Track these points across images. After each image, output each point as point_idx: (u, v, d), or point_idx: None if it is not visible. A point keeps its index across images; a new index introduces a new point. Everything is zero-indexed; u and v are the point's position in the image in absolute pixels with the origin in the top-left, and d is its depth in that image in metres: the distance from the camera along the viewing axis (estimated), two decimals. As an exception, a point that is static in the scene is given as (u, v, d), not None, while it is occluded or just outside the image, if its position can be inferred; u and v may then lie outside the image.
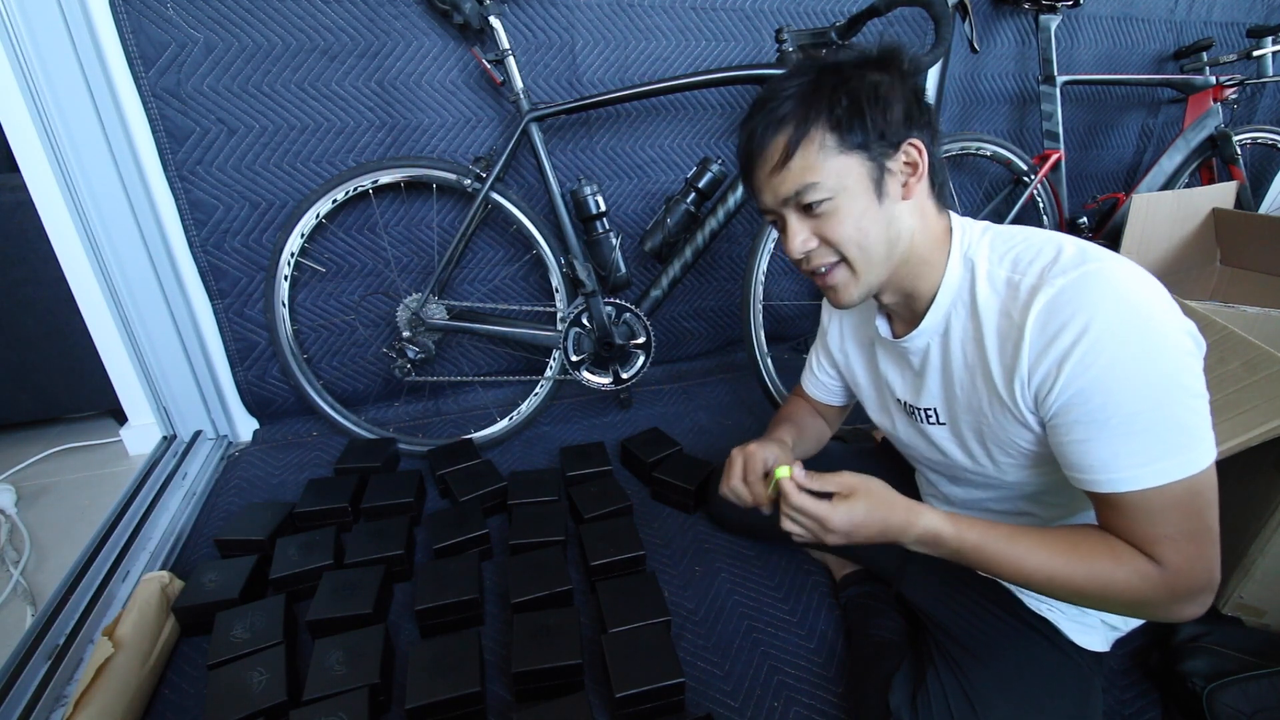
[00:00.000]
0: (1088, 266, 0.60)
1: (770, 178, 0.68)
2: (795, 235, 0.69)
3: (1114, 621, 0.79)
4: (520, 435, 1.58)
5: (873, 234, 0.67)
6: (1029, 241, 0.67)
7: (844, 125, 0.65)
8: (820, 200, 0.66)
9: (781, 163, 0.67)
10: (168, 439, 1.51)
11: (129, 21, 1.22)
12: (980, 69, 1.93)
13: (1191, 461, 0.57)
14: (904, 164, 0.68)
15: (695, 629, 1.04)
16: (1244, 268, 1.75)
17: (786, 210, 0.69)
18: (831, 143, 0.65)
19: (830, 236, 0.68)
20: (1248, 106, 2.37)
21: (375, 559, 1.10)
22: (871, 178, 0.66)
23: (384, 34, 1.37)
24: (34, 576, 1.18)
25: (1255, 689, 0.82)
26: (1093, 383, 0.58)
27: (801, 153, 0.66)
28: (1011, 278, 0.65)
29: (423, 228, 1.54)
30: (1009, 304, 0.65)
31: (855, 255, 0.68)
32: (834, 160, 0.65)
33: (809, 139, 0.65)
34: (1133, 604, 0.62)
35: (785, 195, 0.67)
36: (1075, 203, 2.15)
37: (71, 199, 1.27)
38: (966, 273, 0.70)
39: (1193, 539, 0.59)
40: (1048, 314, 0.60)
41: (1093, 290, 0.59)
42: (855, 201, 0.66)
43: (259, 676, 0.87)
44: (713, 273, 1.84)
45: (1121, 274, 0.59)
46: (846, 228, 0.67)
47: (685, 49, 1.60)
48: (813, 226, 0.68)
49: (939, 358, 0.74)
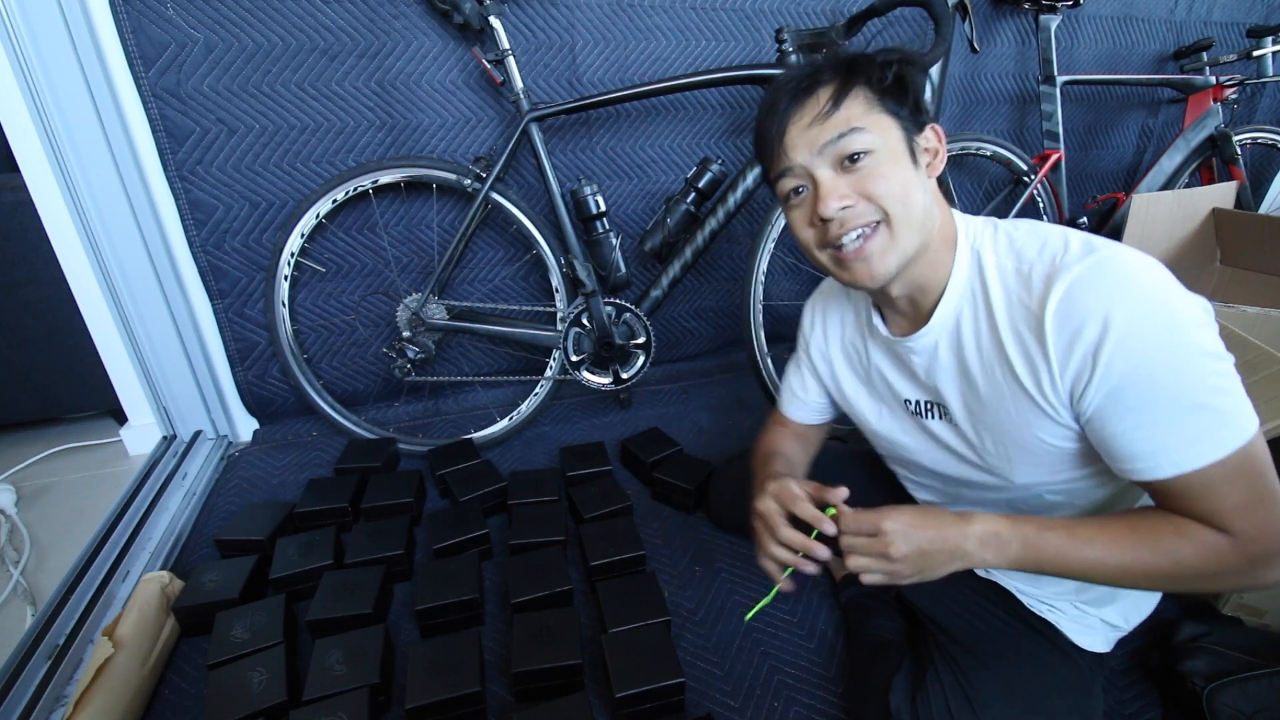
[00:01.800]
0: (1098, 254, 0.60)
1: (809, 129, 0.66)
2: (831, 191, 0.65)
3: (1115, 621, 0.79)
4: (520, 435, 1.58)
5: (914, 194, 0.66)
6: (1032, 233, 0.67)
7: (886, 91, 0.66)
8: (863, 153, 0.64)
9: (826, 112, 0.65)
10: (168, 439, 1.51)
11: (129, 21, 1.22)
12: (980, 69, 1.93)
13: (1238, 433, 0.57)
14: (926, 147, 0.69)
15: (695, 629, 1.04)
16: (1244, 268, 1.75)
17: (820, 168, 0.66)
18: (874, 97, 0.66)
19: (873, 190, 0.64)
20: (1248, 106, 2.37)
21: (375, 559, 1.10)
22: (907, 144, 0.67)
23: (384, 34, 1.37)
24: (34, 576, 1.18)
25: (1255, 689, 0.82)
26: (1131, 372, 0.57)
27: (848, 102, 0.65)
28: (1020, 269, 0.65)
29: (423, 228, 1.54)
30: (1023, 296, 0.64)
31: (898, 212, 0.65)
32: (877, 115, 0.65)
33: (854, 93, 0.65)
34: (1211, 577, 0.60)
35: (826, 141, 0.65)
36: (1075, 203, 2.16)
37: (71, 199, 1.27)
38: (975, 267, 0.69)
39: (1260, 504, 0.58)
40: (1067, 306, 0.60)
41: (1106, 279, 0.59)
42: (896, 160, 0.65)
43: (259, 676, 0.87)
44: (713, 273, 1.84)
45: (1131, 259, 0.59)
46: (891, 182, 0.65)
47: (685, 49, 1.60)
48: (851, 183, 0.65)
49: (951, 356, 0.71)
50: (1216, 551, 0.59)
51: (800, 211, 0.70)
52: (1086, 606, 0.79)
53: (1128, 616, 0.80)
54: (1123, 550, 0.61)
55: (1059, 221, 1.96)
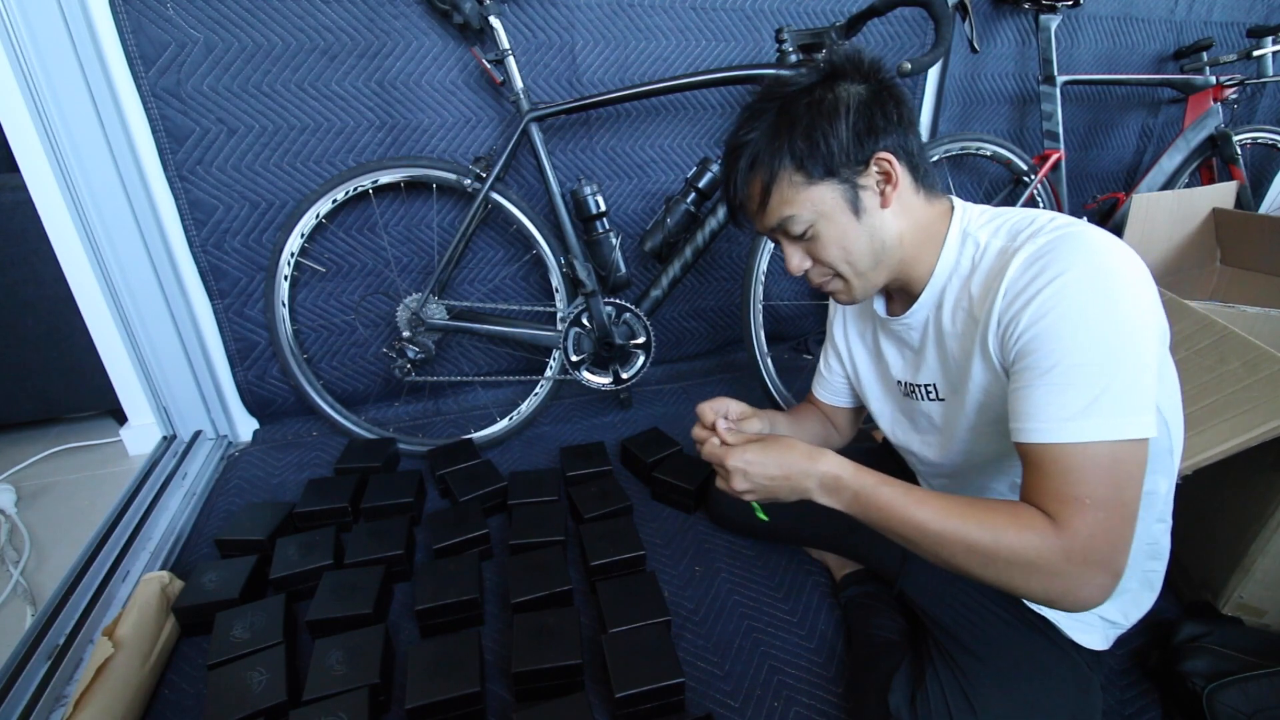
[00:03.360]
0: (1072, 229, 0.63)
1: (755, 216, 0.76)
2: (791, 257, 0.76)
3: (1114, 618, 0.79)
4: (520, 435, 1.58)
5: (856, 250, 0.73)
6: (1028, 216, 0.70)
7: (806, 163, 0.70)
8: (803, 230, 0.72)
9: (761, 204, 0.74)
10: (168, 439, 1.51)
11: (129, 21, 1.22)
12: (980, 69, 1.93)
13: (1122, 427, 0.57)
14: (877, 175, 0.71)
15: (695, 629, 1.04)
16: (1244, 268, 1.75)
17: (778, 236, 0.76)
18: (800, 179, 0.70)
19: (820, 258, 0.75)
20: (1248, 106, 2.37)
21: (375, 559, 1.10)
22: (846, 199, 0.71)
23: (384, 34, 1.37)
24: (34, 576, 1.18)
25: (1255, 689, 0.82)
26: (1046, 329, 0.60)
27: (776, 193, 0.72)
28: (1006, 246, 0.68)
29: (423, 228, 1.54)
30: (996, 265, 0.67)
31: (845, 271, 0.74)
32: (805, 192, 0.71)
33: (779, 181, 0.71)
34: (1025, 566, 0.58)
35: (771, 227, 0.75)
36: (1075, 203, 2.16)
37: (71, 199, 1.27)
38: (964, 248, 0.73)
39: (1104, 507, 0.57)
40: (1025, 265, 0.63)
41: (1069, 247, 0.61)
42: (834, 225, 0.72)
43: (259, 676, 0.87)
44: (713, 273, 1.84)
45: (1103, 241, 0.61)
46: (831, 250, 0.73)
47: (685, 49, 1.60)
48: (804, 249, 0.75)
49: (934, 330, 0.77)
50: (1040, 539, 0.58)
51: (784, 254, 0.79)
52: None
53: (1127, 613, 0.80)
54: (948, 517, 0.62)
55: (1059, 221, 1.96)
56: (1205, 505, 1.02)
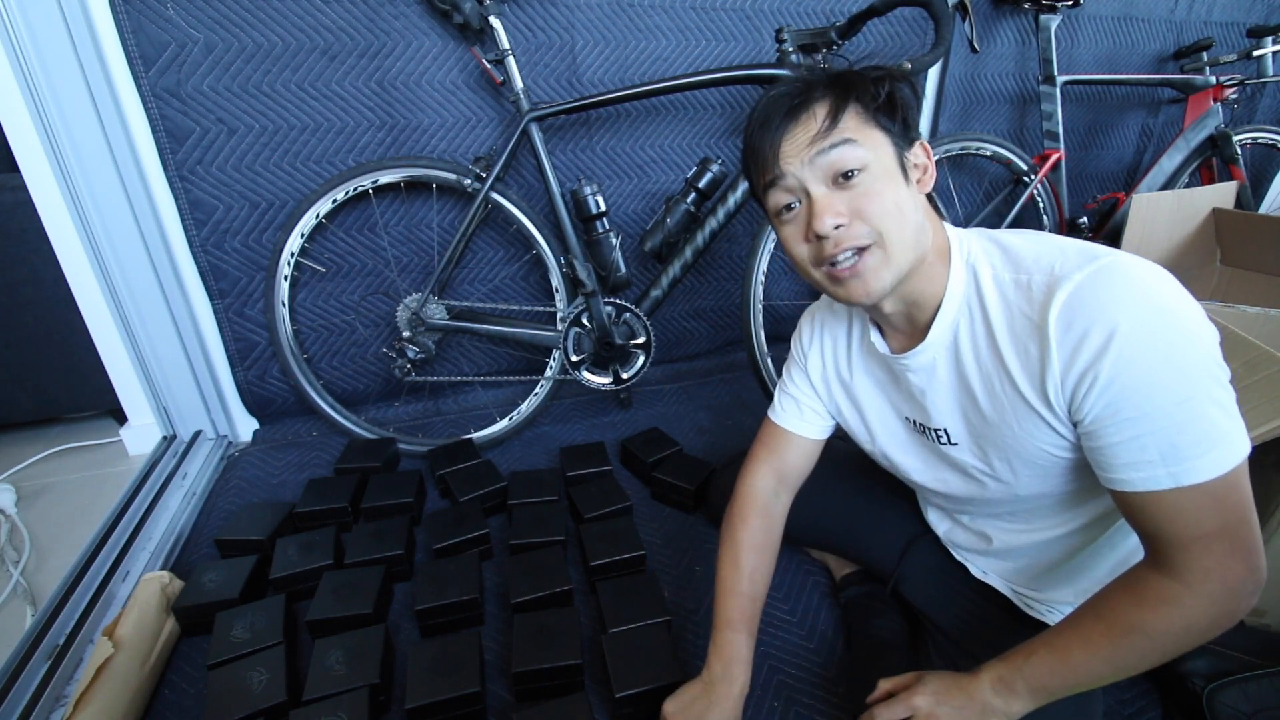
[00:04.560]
0: (1100, 262, 0.59)
1: (807, 143, 0.64)
2: (827, 208, 0.64)
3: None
4: (520, 435, 1.58)
5: (908, 213, 0.65)
6: (1027, 242, 0.66)
7: (879, 108, 0.65)
8: (856, 169, 0.63)
9: (825, 128, 0.64)
10: (168, 439, 1.51)
11: (129, 21, 1.22)
12: (980, 69, 1.93)
13: (1232, 454, 0.56)
14: (915, 163, 0.68)
15: (695, 629, 1.04)
16: (1244, 268, 1.75)
17: (813, 184, 0.65)
18: (868, 116, 0.65)
19: (868, 210, 0.64)
20: (1248, 106, 2.37)
21: (375, 559, 1.10)
22: (898, 161, 0.66)
23: (384, 34, 1.37)
24: (34, 576, 1.18)
25: (1255, 689, 0.82)
26: (1132, 383, 0.56)
27: (845, 117, 0.64)
28: (1019, 279, 0.64)
29: (423, 228, 1.54)
30: (1024, 307, 0.63)
31: (892, 232, 0.64)
32: (870, 131, 0.65)
33: (850, 109, 0.65)
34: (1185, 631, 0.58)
35: (820, 151, 0.64)
36: (1075, 203, 2.16)
37: (71, 199, 1.27)
38: (971, 280, 0.68)
39: (1227, 536, 0.56)
40: (1070, 313, 0.58)
41: (1112, 286, 0.57)
42: (890, 178, 0.65)
43: (259, 676, 0.87)
44: (713, 273, 1.84)
45: (1135, 268, 0.58)
46: (885, 201, 0.64)
47: (685, 49, 1.60)
48: (845, 200, 0.64)
49: (950, 371, 0.71)
50: (1176, 604, 0.57)
51: (793, 228, 0.69)
52: None
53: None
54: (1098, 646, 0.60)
55: (1059, 221, 1.96)
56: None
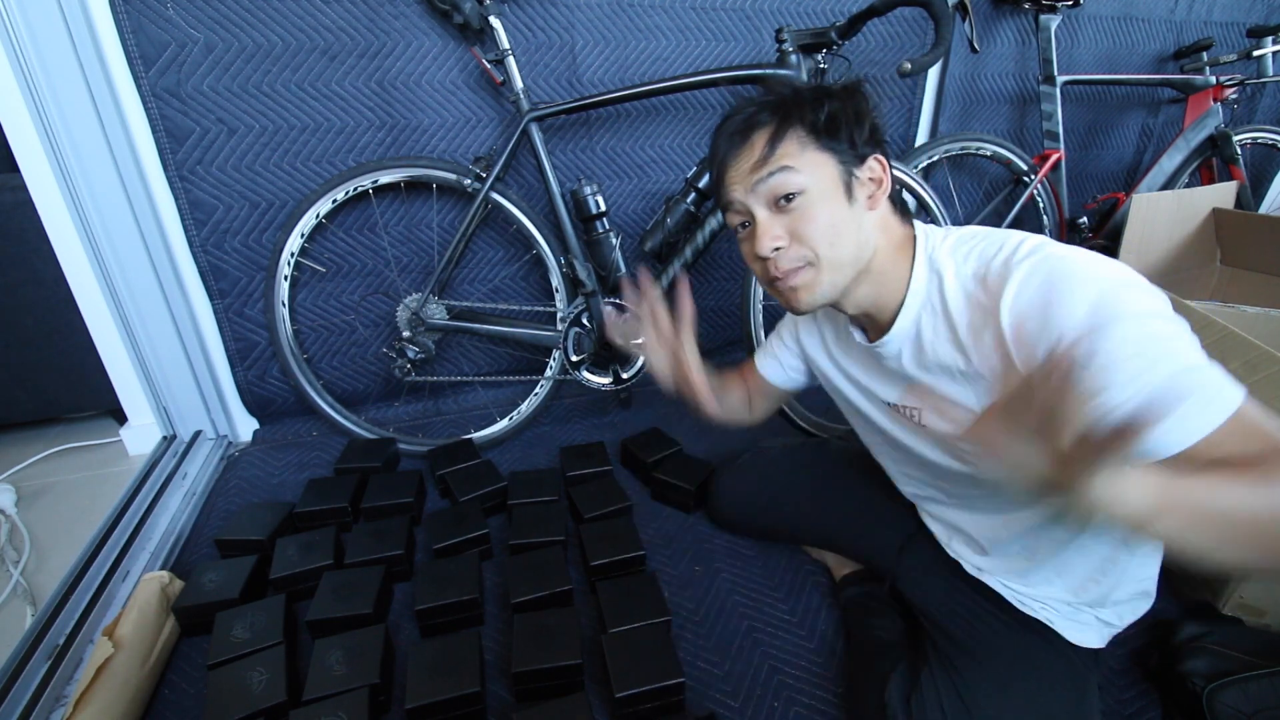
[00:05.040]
0: (1045, 252, 0.62)
1: (749, 171, 0.70)
2: (766, 232, 0.70)
3: (1109, 619, 0.80)
4: (520, 435, 1.58)
5: (844, 233, 0.69)
6: (989, 238, 0.69)
7: (819, 130, 0.69)
8: (796, 193, 0.68)
9: (763, 157, 0.69)
10: (168, 439, 1.51)
11: (129, 21, 1.22)
12: (980, 69, 1.93)
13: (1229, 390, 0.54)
14: (869, 178, 0.71)
15: (695, 629, 1.04)
16: (1244, 268, 1.75)
17: (757, 207, 0.71)
18: (809, 140, 0.69)
19: (803, 232, 0.69)
20: (1248, 106, 2.37)
21: (375, 559, 1.10)
22: (842, 180, 0.70)
23: (384, 34, 1.37)
24: (34, 576, 1.18)
25: (1255, 689, 0.82)
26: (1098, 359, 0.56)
27: (782, 144, 0.69)
28: (978, 271, 0.67)
29: (423, 228, 1.54)
30: (981, 297, 0.66)
31: (826, 254, 0.69)
32: (811, 154, 0.69)
33: (787, 135, 0.69)
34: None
35: (759, 179, 0.69)
36: (1075, 203, 2.15)
37: (71, 199, 1.27)
38: (933, 276, 0.71)
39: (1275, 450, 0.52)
40: (1020, 308, 0.61)
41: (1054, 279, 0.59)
42: (828, 199, 0.69)
43: (259, 676, 0.87)
44: (713, 273, 1.84)
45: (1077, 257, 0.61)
46: (820, 224, 0.68)
47: (685, 49, 1.60)
48: (785, 223, 0.70)
49: (913, 360, 0.74)
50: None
51: (747, 245, 0.74)
52: (1082, 606, 0.79)
53: (1122, 616, 0.80)
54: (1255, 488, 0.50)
55: (1059, 221, 1.96)
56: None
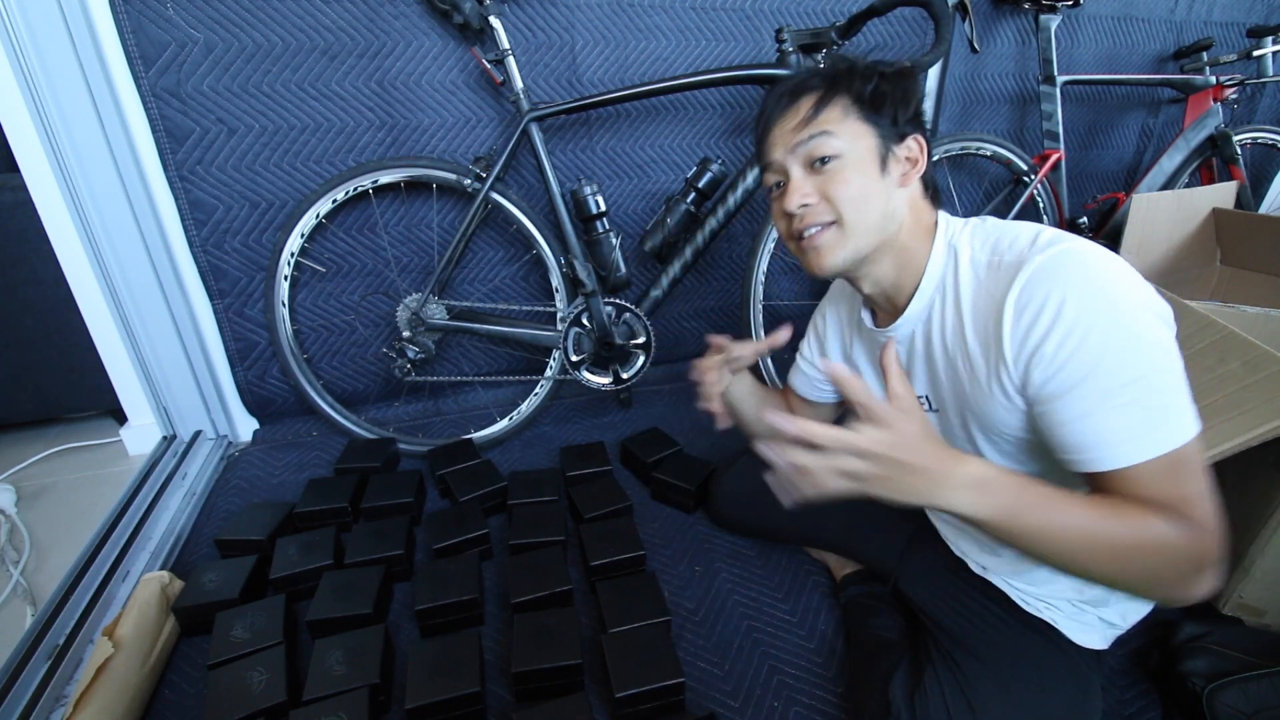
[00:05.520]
0: (1061, 246, 0.63)
1: (790, 130, 0.73)
2: (797, 189, 0.72)
3: (1112, 619, 0.79)
4: (520, 435, 1.58)
5: (872, 201, 0.71)
6: (1009, 229, 0.70)
7: (865, 101, 0.71)
8: (832, 156, 0.70)
9: (806, 118, 0.72)
10: (168, 439, 1.51)
11: (129, 21, 1.22)
12: (980, 69, 1.93)
13: (1183, 429, 0.58)
14: (905, 156, 0.73)
15: (695, 629, 1.04)
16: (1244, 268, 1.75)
17: (793, 167, 0.73)
18: (853, 110, 0.72)
19: (832, 192, 0.71)
20: (1248, 106, 2.37)
21: (375, 559, 1.10)
22: (878, 152, 0.72)
23: (384, 34, 1.37)
24: (34, 576, 1.18)
25: (1255, 689, 0.82)
26: (1077, 363, 0.59)
27: (826, 110, 0.72)
28: (992, 260, 0.68)
29: (423, 228, 1.54)
30: (990, 285, 0.67)
31: (851, 216, 0.71)
32: (852, 122, 0.71)
33: (832, 101, 0.72)
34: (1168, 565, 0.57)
35: (799, 141, 0.72)
36: (1075, 203, 2.16)
37: (71, 199, 1.27)
38: (950, 261, 0.73)
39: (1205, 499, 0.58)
40: (1025, 296, 0.62)
41: (1064, 270, 0.61)
42: (861, 167, 0.71)
43: (259, 676, 0.87)
44: (713, 273, 1.84)
45: (1091, 254, 0.61)
46: (851, 187, 0.70)
47: (685, 49, 1.60)
48: (816, 184, 0.72)
49: (922, 345, 0.76)
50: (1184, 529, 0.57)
51: (777, 204, 0.76)
52: (1085, 605, 0.79)
53: (1125, 616, 0.80)
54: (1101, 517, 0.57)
55: (1059, 221, 1.96)
56: (1205, 505, 1.02)
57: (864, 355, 0.88)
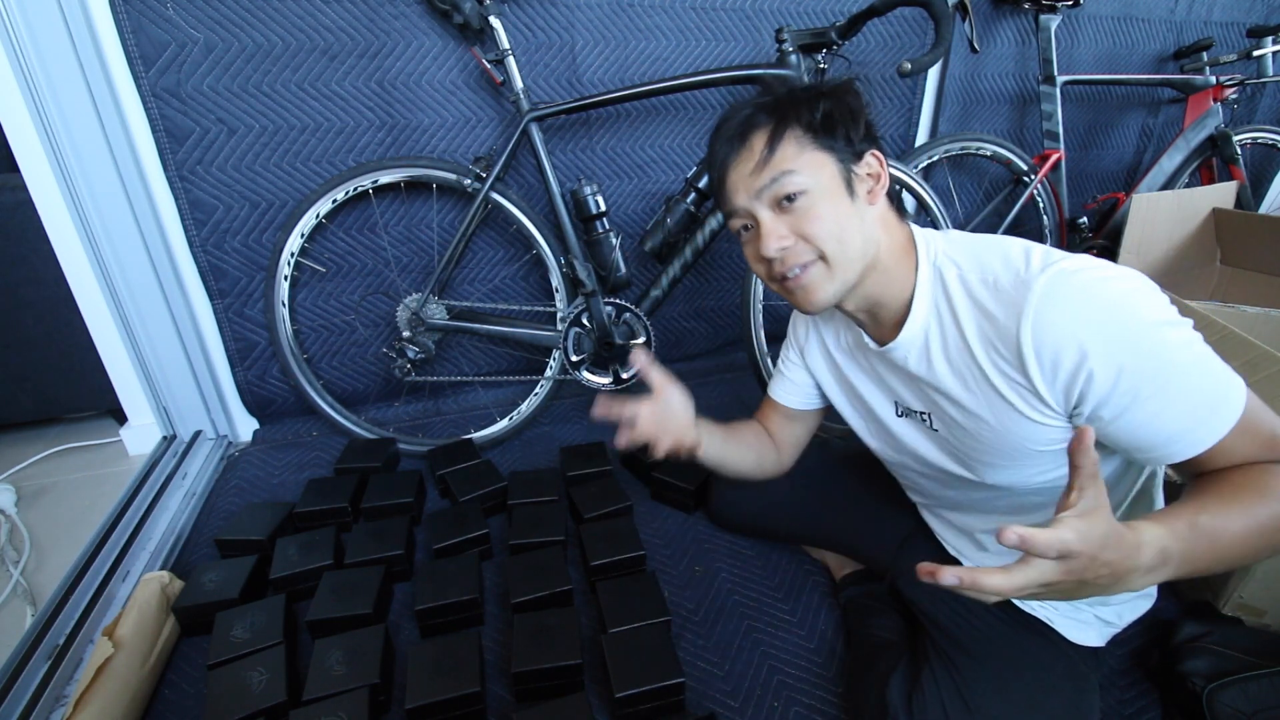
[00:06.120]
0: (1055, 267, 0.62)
1: (749, 175, 0.70)
2: (771, 233, 0.69)
3: (1109, 617, 0.80)
4: (520, 435, 1.58)
5: (850, 229, 0.69)
6: (984, 244, 0.69)
7: (817, 129, 0.69)
8: (798, 193, 0.68)
9: (763, 159, 0.69)
10: (168, 439, 1.51)
11: (129, 21, 1.22)
12: (980, 69, 1.93)
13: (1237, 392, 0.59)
14: (867, 173, 0.71)
15: (695, 629, 1.04)
16: (1244, 268, 1.75)
17: (760, 210, 0.70)
18: (807, 140, 0.69)
19: (809, 231, 0.68)
20: (1248, 106, 2.37)
21: (375, 559, 1.10)
22: (843, 177, 0.69)
23: (384, 34, 1.37)
24: (34, 576, 1.18)
25: (1255, 689, 0.82)
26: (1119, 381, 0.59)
27: (781, 147, 0.68)
28: (985, 279, 0.67)
29: (423, 228, 1.54)
30: (992, 305, 0.66)
31: (834, 250, 0.68)
32: (810, 154, 0.68)
33: (785, 136, 0.69)
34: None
35: (762, 186, 0.69)
36: (1075, 203, 2.16)
37: (71, 199, 1.27)
38: (937, 278, 0.71)
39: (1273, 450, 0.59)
40: (1040, 335, 0.61)
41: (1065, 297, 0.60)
42: (831, 197, 0.69)
43: (259, 676, 0.87)
44: (713, 273, 1.84)
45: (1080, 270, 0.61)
46: (826, 222, 0.68)
47: (685, 49, 1.60)
48: (789, 223, 0.69)
49: (923, 366, 0.74)
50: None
51: (750, 248, 0.73)
52: (1081, 604, 0.79)
53: (1121, 614, 0.80)
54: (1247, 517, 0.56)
55: (1059, 221, 1.96)
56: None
57: (854, 364, 0.86)
